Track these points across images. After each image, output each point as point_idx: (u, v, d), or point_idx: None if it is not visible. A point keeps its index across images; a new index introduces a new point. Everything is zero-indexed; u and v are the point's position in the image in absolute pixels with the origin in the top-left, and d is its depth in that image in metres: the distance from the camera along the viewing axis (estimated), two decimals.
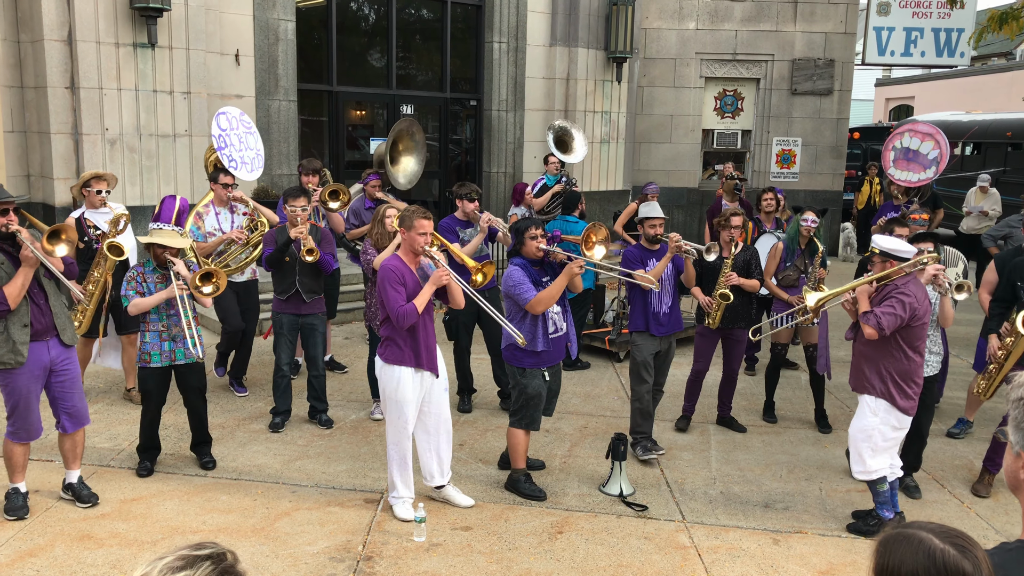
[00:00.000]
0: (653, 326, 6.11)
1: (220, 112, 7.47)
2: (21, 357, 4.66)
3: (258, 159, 7.68)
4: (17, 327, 4.64)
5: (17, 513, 4.87)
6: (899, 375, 4.99)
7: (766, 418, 7.08)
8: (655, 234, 6.17)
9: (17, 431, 4.85)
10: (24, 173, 9.71)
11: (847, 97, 15.16)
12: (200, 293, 5.47)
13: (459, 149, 13.90)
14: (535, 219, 5.40)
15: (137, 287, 5.41)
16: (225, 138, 7.33)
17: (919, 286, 5.00)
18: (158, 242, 5.40)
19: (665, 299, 6.15)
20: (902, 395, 4.99)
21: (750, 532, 5.14)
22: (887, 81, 32.85)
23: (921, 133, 9.57)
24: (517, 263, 5.36)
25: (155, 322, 5.46)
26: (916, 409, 5.10)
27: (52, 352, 4.84)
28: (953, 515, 5.47)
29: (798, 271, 6.94)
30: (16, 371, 4.69)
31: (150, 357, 5.49)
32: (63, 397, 4.93)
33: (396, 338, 5.02)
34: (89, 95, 9.21)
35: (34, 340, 4.73)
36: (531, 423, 5.45)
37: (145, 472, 5.60)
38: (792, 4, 14.76)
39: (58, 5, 9.03)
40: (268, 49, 10.79)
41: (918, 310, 4.88)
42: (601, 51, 13.60)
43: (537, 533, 5.00)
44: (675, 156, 15.23)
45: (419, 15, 13.03)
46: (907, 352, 4.98)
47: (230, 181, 7.08)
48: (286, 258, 6.33)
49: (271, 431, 6.45)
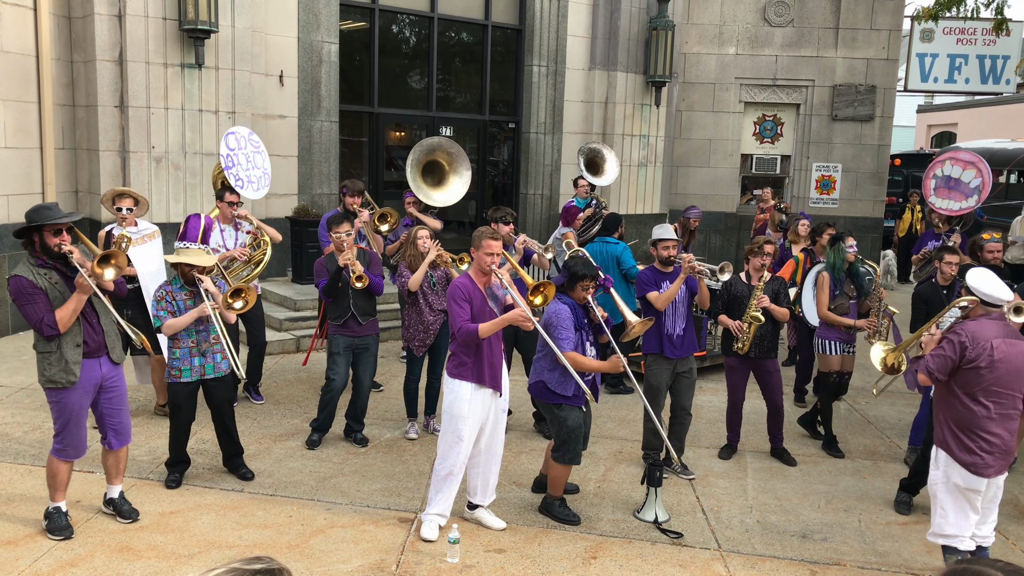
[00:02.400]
0: (667, 348, 6.10)
1: (229, 132, 7.58)
2: (73, 376, 4.67)
3: (265, 178, 7.79)
4: (70, 347, 4.66)
5: (63, 533, 4.85)
6: (956, 424, 4.50)
7: (831, 452, 6.90)
8: (668, 256, 6.18)
9: (65, 448, 4.84)
10: (72, 189, 9.95)
11: (888, 123, 15.02)
12: (232, 310, 5.58)
13: (497, 171, 13.98)
14: (592, 268, 5.31)
15: (167, 306, 5.47)
16: (233, 157, 7.45)
17: (985, 326, 4.46)
18: (186, 261, 5.49)
19: (679, 321, 6.14)
20: (960, 447, 4.45)
21: (787, 563, 5.06)
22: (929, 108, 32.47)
23: (963, 161, 9.44)
24: (567, 303, 5.26)
25: (185, 338, 5.53)
26: (990, 470, 4.45)
27: (103, 369, 4.87)
28: (998, 551, 5.32)
29: (847, 298, 6.91)
30: (69, 389, 4.71)
31: (180, 372, 5.56)
32: (111, 413, 4.96)
33: (461, 353, 5.07)
34: (137, 114, 9.43)
35: (87, 357, 4.75)
36: (574, 458, 5.39)
37: (174, 484, 5.66)
38: (834, 30, 14.69)
39: (111, 26, 9.28)
40: (311, 70, 10.98)
41: (970, 351, 4.39)
42: (640, 75, 13.63)
43: (571, 558, 4.97)
44: (713, 180, 15.17)
45: (460, 38, 13.18)
46: (961, 399, 4.47)
47: (235, 199, 7.20)
48: (339, 284, 6.35)
49: (308, 448, 6.49)
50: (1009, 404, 4.42)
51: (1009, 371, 4.38)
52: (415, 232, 6.62)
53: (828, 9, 14.68)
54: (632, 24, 13.45)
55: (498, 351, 5.18)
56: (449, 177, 9.63)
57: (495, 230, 5.21)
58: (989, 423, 4.40)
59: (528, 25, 13.06)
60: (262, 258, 7.21)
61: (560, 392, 5.27)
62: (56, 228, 4.58)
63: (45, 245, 4.59)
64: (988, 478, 4.46)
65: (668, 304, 6.11)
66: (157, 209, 9.58)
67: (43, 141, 9.39)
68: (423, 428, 7.02)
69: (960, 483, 4.49)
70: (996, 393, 4.40)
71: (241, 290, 5.63)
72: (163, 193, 9.69)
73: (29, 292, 4.52)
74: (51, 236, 4.57)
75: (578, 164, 10.51)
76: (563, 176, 13.55)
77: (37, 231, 4.58)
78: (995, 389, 4.40)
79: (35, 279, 4.54)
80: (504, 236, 6.86)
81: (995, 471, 4.45)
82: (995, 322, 4.46)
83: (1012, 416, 4.43)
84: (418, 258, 6.57)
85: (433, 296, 6.64)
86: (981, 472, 4.43)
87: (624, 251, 8.11)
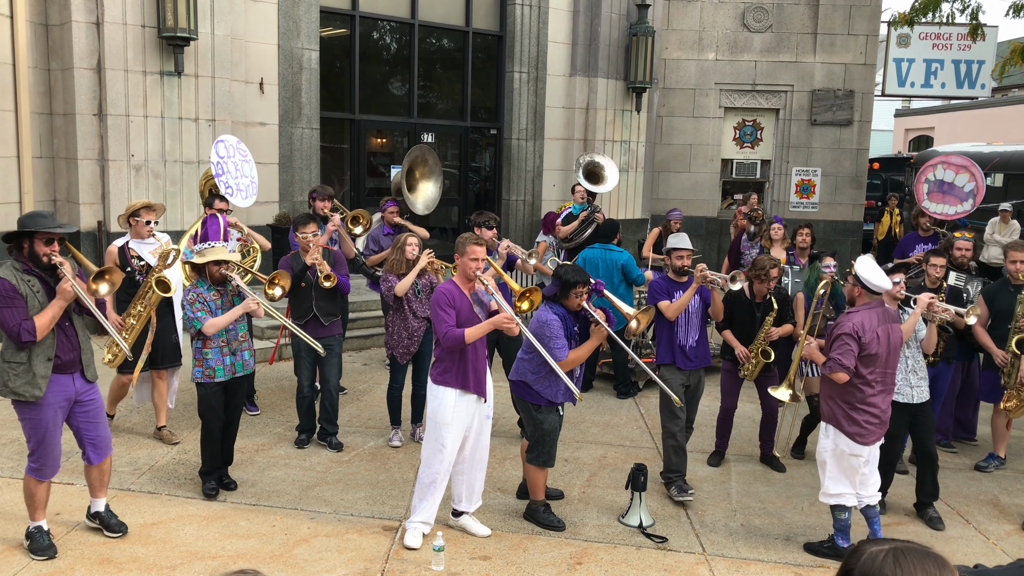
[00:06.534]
0: (680, 359, 6.02)
1: (219, 140, 7.57)
2: (39, 391, 4.55)
3: (252, 186, 7.79)
4: (41, 360, 4.55)
5: (46, 553, 4.75)
6: (845, 402, 5.10)
7: (794, 453, 6.99)
8: (682, 265, 6.11)
9: (41, 467, 4.73)
10: (51, 198, 9.86)
11: (867, 128, 15.15)
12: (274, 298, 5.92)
13: (479, 177, 13.98)
14: (584, 275, 5.29)
15: (203, 307, 5.48)
16: (223, 165, 7.42)
17: (869, 315, 5.05)
18: (217, 258, 5.51)
19: (692, 332, 6.06)
20: (848, 421, 5.08)
21: (772, 566, 5.08)
22: (907, 112, 32.81)
23: (955, 165, 9.49)
24: (558, 312, 5.21)
25: (216, 338, 5.54)
26: (872, 438, 5.10)
27: (76, 384, 4.75)
28: (979, 551, 5.38)
29: (824, 320, 6.84)
30: (42, 405, 4.60)
31: (214, 372, 5.56)
32: (87, 427, 4.84)
33: (445, 359, 5.06)
34: (116, 122, 9.36)
35: (60, 372, 4.64)
36: (548, 460, 5.39)
37: (213, 492, 5.65)
38: (812, 35, 14.82)
39: (88, 34, 9.21)
40: (292, 77, 10.94)
41: (864, 338, 4.97)
42: (621, 81, 13.69)
43: (556, 564, 4.96)
44: (694, 185, 15.24)
45: (440, 45, 13.18)
46: (854, 380, 5.05)
47: (225, 207, 7.17)
48: (302, 284, 6.45)
49: (297, 447, 6.56)
50: (889, 380, 5.16)
51: (891, 352, 5.09)
52: (404, 238, 6.62)
53: (806, 15, 14.81)
54: (612, 30, 13.51)
55: (482, 357, 5.18)
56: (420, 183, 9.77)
57: (479, 235, 5.20)
58: (874, 398, 5.06)
59: (509, 32, 13.09)
60: (252, 265, 7.18)
61: (546, 396, 5.27)
62: (48, 237, 4.52)
63: (34, 253, 4.52)
64: (868, 446, 5.10)
65: (679, 314, 6.00)
66: None
67: (20, 150, 9.29)
68: (409, 436, 7.00)
69: (846, 450, 5.10)
70: (880, 372, 5.07)
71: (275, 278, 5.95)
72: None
73: (10, 296, 4.44)
74: (42, 245, 4.51)
75: (578, 177, 10.45)
76: (545, 182, 13.57)
77: (28, 237, 4.52)
78: (878, 369, 5.06)
79: (17, 284, 4.47)
80: (487, 241, 6.87)
81: (875, 439, 5.14)
82: (876, 310, 5.10)
83: (890, 390, 5.18)
84: (403, 264, 6.56)
85: (417, 303, 6.63)
86: (865, 440, 5.08)
87: (629, 260, 8.11)
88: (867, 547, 1.67)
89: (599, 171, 10.67)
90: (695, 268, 5.98)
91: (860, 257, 5.28)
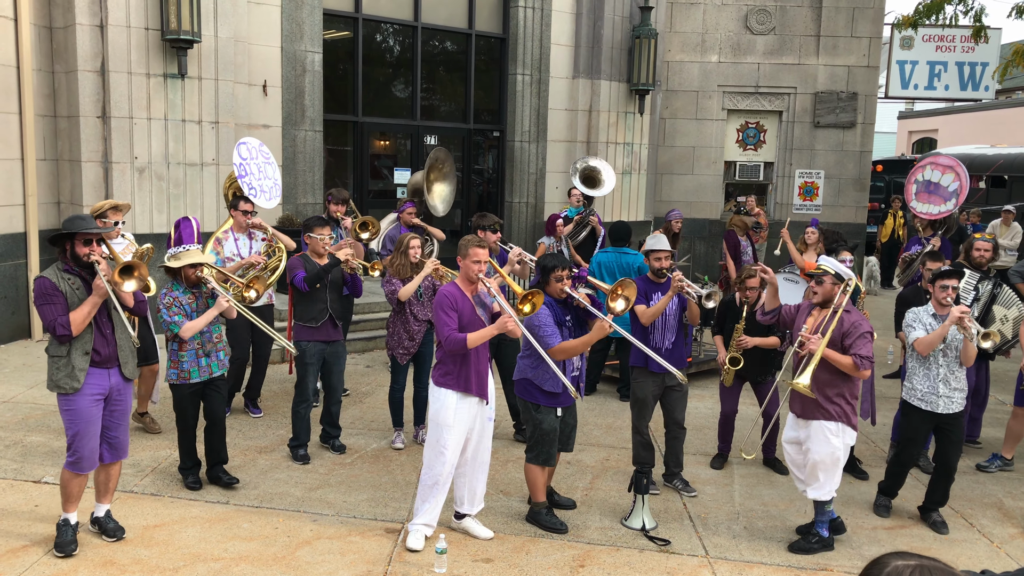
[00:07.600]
0: (652, 362, 5.73)
1: (241, 142, 7.61)
2: (77, 383, 4.71)
3: (276, 188, 7.81)
4: (79, 354, 4.72)
5: (66, 550, 4.80)
6: (851, 395, 5.28)
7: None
8: (660, 267, 6.02)
9: (78, 460, 4.82)
10: (54, 200, 9.88)
11: (870, 130, 15.14)
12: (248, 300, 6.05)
13: (481, 179, 13.99)
14: (563, 259, 5.30)
15: (179, 310, 5.56)
16: (246, 167, 7.46)
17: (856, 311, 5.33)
18: (192, 262, 5.59)
19: (668, 335, 5.94)
20: (853, 413, 5.29)
21: (775, 568, 5.07)
22: (910, 114, 32.80)
23: (942, 166, 9.56)
24: (546, 301, 5.21)
25: (191, 340, 5.62)
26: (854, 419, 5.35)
27: (112, 380, 4.88)
28: (982, 554, 5.37)
29: None
30: (79, 396, 4.74)
31: (189, 374, 5.65)
32: (110, 426, 4.95)
33: (447, 361, 5.07)
34: (120, 124, 9.38)
35: (97, 367, 4.80)
36: (547, 459, 5.39)
37: (197, 486, 5.76)
38: (815, 38, 14.81)
39: (92, 37, 9.23)
40: (295, 80, 10.96)
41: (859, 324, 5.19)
42: (624, 83, 13.69)
43: (559, 566, 4.96)
44: (697, 188, 15.24)
45: (443, 47, 13.20)
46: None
47: (250, 208, 7.19)
48: (317, 285, 6.35)
49: (301, 463, 6.39)
50: None
51: None
52: (407, 241, 6.60)
53: (809, 17, 14.80)
54: (615, 33, 13.52)
55: (484, 359, 5.18)
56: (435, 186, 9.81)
57: (482, 238, 5.20)
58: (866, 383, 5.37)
59: (512, 34, 13.10)
60: (277, 265, 7.22)
61: (548, 389, 5.26)
62: (86, 238, 4.73)
63: (75, 253, 4.74)
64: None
65: (654, 319, 5.90)
66: (141, 220, 9.53)
67: (24, 152, 9.32)
68: (412, 438, 6.99)
69: (849, 442, 5.30)
70: None
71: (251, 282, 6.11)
72: (146, 204, 9.64)
73: (50, 293, 4.67)
74: (81, 245, 4.72)
75: (575, 182, 10.45)
76: (547, 184, 13.58)
77: (69, 239, 4.74)
78: None
79: (58, 282, 4.69)
80: (491, 244, 6.86)
81: None
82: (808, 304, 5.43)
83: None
84: (407, 267, 6.55)
85: (418, 306, 6.63)
86: (856, 425, 5.30)
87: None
88: (892, 560, 1.66)
89: (596, 175, 10.69)
90: (673, 275, 5.86)
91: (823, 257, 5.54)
